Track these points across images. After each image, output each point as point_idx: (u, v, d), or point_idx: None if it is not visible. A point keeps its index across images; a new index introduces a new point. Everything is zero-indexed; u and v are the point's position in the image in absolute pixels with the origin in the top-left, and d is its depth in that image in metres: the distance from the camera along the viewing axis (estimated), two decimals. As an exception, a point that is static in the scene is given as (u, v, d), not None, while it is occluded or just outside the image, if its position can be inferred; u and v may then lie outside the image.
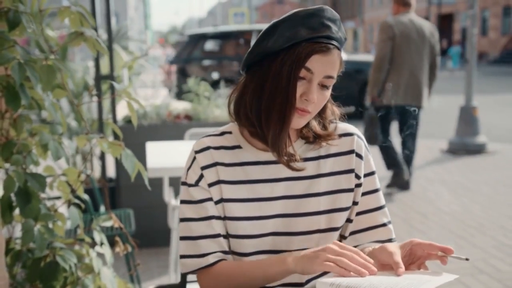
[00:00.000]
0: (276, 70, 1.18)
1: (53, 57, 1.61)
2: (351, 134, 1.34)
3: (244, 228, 1.27)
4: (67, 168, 1.83)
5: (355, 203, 1.33)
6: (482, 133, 7.08)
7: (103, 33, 4.85)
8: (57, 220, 1.81)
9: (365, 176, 1.34)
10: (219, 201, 1.28)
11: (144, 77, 6.06)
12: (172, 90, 5.47)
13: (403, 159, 5.22)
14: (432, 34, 5.00)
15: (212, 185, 1.28)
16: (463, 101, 7.10)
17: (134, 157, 1.72)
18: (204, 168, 1.28)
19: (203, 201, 1.27)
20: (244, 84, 1.26)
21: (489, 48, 32.38)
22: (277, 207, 1.28)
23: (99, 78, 3.81)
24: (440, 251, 1.11)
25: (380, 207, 1.35)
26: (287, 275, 1.17)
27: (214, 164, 1.28)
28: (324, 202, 1.30)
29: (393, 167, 5.22)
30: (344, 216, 1.33)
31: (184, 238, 1.29)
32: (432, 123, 9.62)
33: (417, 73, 4.92)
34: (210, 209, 1.27)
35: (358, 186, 1.33)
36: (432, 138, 7.95)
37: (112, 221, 1.95)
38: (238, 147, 1.30)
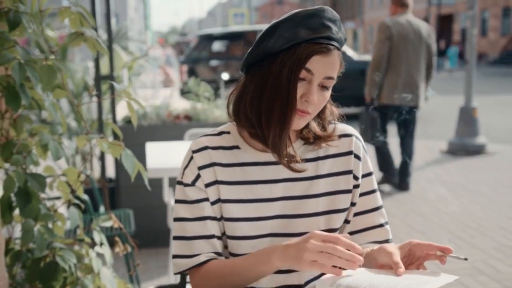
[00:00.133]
0: (276, 71, 1.17)
1: (53, 57, 1.61)
2: (350, 135, 1.34)
3: (242, 229, 1.26)
4: (67, 168, 1.83)
5: (353, 204, 1.33)
6: (482, 134, 7.08)
7: (103, 34, 4.85)
8: (57, 220, 1.81)
9: (363, 177, 1.34)
10: (217, 202, 1.27)
11: (144, 78, 6.07)
12: (181, 90, 5.46)
13: (402, 160, 5.24)
14: (429, 35, 5.03)
15: (209, 186, 1.26)
16: (463, 102, 7.11)
17: (134, 157, 1.72)
18: (201, 168, 1.27)
19: (199, 201, 1.26)
20: (244, 85, 1.25)
21: (489, 49, 32.39)
22: (276, 208, 1.27)
23: (99, 79, 3.81)
24: (439, 251, 1.11)
25: (377, 208, 1.35)
26: (275, 270, 1.15)
27: (212, 164, 1.27)
28: (323, 203, 1.30)
29: (385, 171, 5.27)
30: (342, 217, 1.32)
31: (178, 238, 1.28)
32: (432, 124, 9.63)
33: (414, 73, 4.94)
34: (206, 210, 1.26)
35: (356, 187, 1.33)
36: (432, 139, 7.94)
37: (112, 222, 1.96)
38: (237, 148, 1.29)
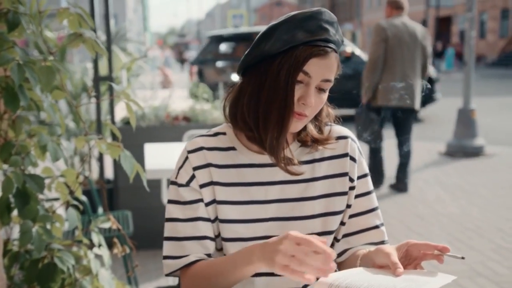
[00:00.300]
0: (274, 74, 1.17)
1: (52, 58, 1.61)
2: (346, 137, 1.34)
3: (238, 231, 1.25)
4: (66, 170, 1.83)
5: (348, 206, 1.33)
6: (480, 136, 7.09)
7: (102, 35, 4.84)
8: (55, 222, 1.80)
9: (358, 179, 1.33)
10: (212, 203, 1.26)
11: (143, 79, 6.07)
12: (191, 90, 5.45)
13: (400, 161, 5.26)
14: (424, 37, 5.08)
15: (204, 186, 1.26)
16: (461, 104, 7.12)
17: (133, 158, 1.72)
18: (196, 169, 1.26)
19: (193, 202, 1.25)
20: (241, 87, 1.24)
21: (487, 51, 32.43)
22: (272, 210, 1.27)
23: (98, 80, 3.81)
24: (437, 250, 1.11)
25: (373, 209, 1.34)
26: (258, 271, 1.10)
27: (207, 165, 1.26)
28: (319, 206, 1.29)
29: (374, 173, 5.29)
30: (338, 220, 1.31)
31: (169, 239, 1.26)
32: (430, 125, 9.63)
33: (410, 75, 4.98)
34: (199, 211, 1.25)
35: (352, 189, 1.32)
36: (430, 141, 7.95)
37: (110, 223, 1.95)
38: (233, 149, 1.28)
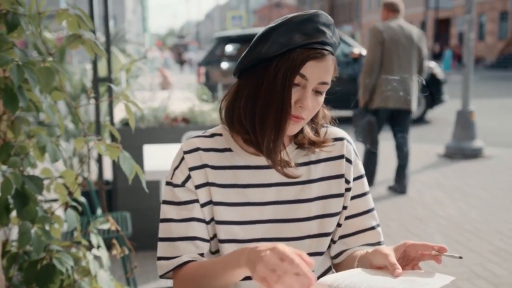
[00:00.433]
0: (271, 77, 1.17)
1: (51, 59, 1.61)
2: (341, 139, 1.34)
3: (234, 233, 1.25)
4: (64, 171, 1.83)
5: (345, 208, 1.33)
6: (479, 138, 7.09)
7: (101, 36, 4.84)
8: (54, 223, 1.80)
9: (354, 180, 1.33)
10: (207, 204, 1.25)
11: (142, 80, 6.07)
12: (199, 91, 5.44)
13: (398, 163, 5.28)
14: (420, 39, 5.12)
15: (200, 187, 1.25)
16: (460, 106, 7.12)
17: (132, 160, 1.72)
18: (192, 169, 1.25)
19: (188, 203, 1.24)
20: (237, 90, 1.24)
21: (486, 53, 32.47)
22: (268, 213, 1.26)
23: (97, 81, 3.81)
24: (434, 250, 1.11)
25: (369, 210, 1.34)
26: (247, 275, 1.08)
27: (203, 166, 1.26)
28: (315, 208, 1.29)
29: (366, 173, 5.27)
30: (335, 221, 1.31)
31: (163, 240, 1.25)
32: (429, 127, 9.64)
33: (407, 77, 5.01)
34: (194, 211, 1.24)
35: (348, 191, 1.32)
36: (429, 143, 7.96)
37: (109, 224, 1.95)
38: (229, 150, 1.28)
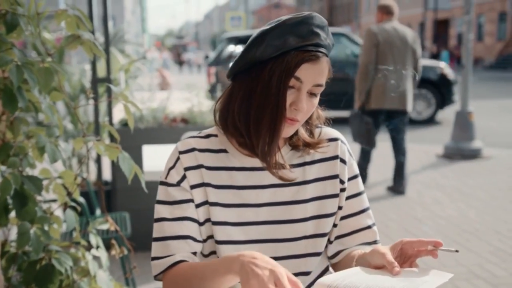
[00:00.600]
0: (265, 80, 1.17)
1: (50, 60, 1.61)
2: (336, 139, 1.34)
3: (231, 234, 1.25)
4: (63, 171, 1.83)
5: (340, 208, 1.33)
6: (478, 138, 7.10)
7: (100, 36, 4.84)
8: (53, 223, 1.80)
9: (349, 180, 1.34)
10: (203, 204, 1.25)
11: (141, 80, 6.06)
12: (209, 91, 5.45)
13: (395, 163, 5.32)
14: (414, 40, 5.17)
15: (196, 187, 1.25)
16: (459, 106, 7.12)
17: (131, 160, 1.72)
18: (188, 169, 1.25)
19: (182, 202, 1.23)
20: (231, 92, 1.24)
21: (485, 54, 32.49)
22: (263, 214, 1.26)
23: (96, 81, 3.81)
24: (430, 246, 1.12)
25: (364, 210, 1.35)
26: (238, 281, 1.07)
27: (199, 166, 1.25)
28: (311, 209, 1.29)
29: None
30: (331, 222, 1.32)
31: (156, 239, 1.24)
32: (428, 128, 9.64)
33: (402, 78, 5.05)
34: (188, 210, 1.23)
35: (343, 191, 1.33)
36: (428, 143, 7.96)
37: (108, 224, 1.95)
38: (224, 151, 1.28)
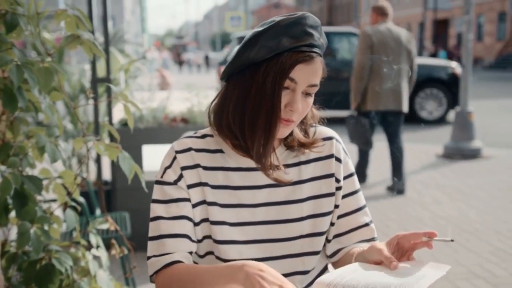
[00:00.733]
0: (260, 81, 1.16)
1: (50, 60, 1.61)
2: (330, 138, 1.34)
3: (228, 234, 1.24)
4: (63, 171, 1.83)
5: (336, 206, 1.33)
6: (478, 138, 7.10)
7: (100, 36, 4.84)
8: (53, 223, 1.80)
9: (344, 179, 1.34)
10: (201, 203, 1.24)
11: (141, 80, 6.06)
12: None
13: (393, 163, 5.33)
14: (408, 41, 5.20)
15: (193, 187, 1.24)
16: (459, 106, 7.12)
17: (131, 160, 1.72)
18: (185, 169, 1.24)
19: (179, 201, 1.23)
20: (225, 94, 1.23)
21: (485, 54, 32.49)
22: (260, 214, 1.26)
23: (96, 81, 3.81)
24: (425, 237, 1.12)
25: (361, 208, 1.35)
26: None
27: (196, 166, 1.25)
28: (307, 208, 1.29)
29: (357, 174, 5.37)
30: (328, 221, 1.32)
31: (152, 238, 1.23)
32: (427, 128, 9.65)
33: (397, 79, 5.08)
34: (184, 209, 1.23)
35: (338, 189, 1.33)
36: (427, 143, 7.96)
37: (108, 224, 1.95)
38: (220, 151, 1.27)
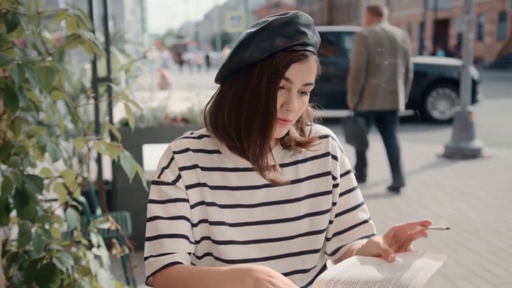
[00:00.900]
0: (255, 82, 1.16)
1: (50, 59, 1.61)
2: (326, 136, 1.34)
3: (229, 234, 1.24)
4: (64, 170, 1.83)
5: (334, 204, 1.33)
6: (478, 138, 7.10)
7: (100, 36, 4.84)
8: (54, 222, 1.81)
9: (341, 176, 1.34)
10: (200, 204, 1.24)
11: (141, 80, 6.07)
12: None
13: (390, 163, 5.37)
14: (404, 40, 5.22)
15: (191, 187, 1.24)
16: (459, 106, 7.13)
17: (132, 159, 1.72)
18: (183, 169, 1.24)
19: (177, 201, 1.22)
20: (220, 96, 1.23)
21: (485, 53, 32.48)
22: (258, 214, 1.27)
23: (96, 81, 3.81)
24: (419, 226, 1.12)
25: (359, 205, 1.35)
26: None
27: (194, 166, 1.25)
28: (305, 206, 1.29)
29: (358, 171, 5.54)
30: (326, 219, 1.32)
31: (150, 239, 1.21)
32: (427, 128, 9.65)
33: (393, 79, 5.10)
34: (183, 210, 1.22)
35: (335, 187, 1.33)
36: (428, 143, 7.96)
37: (109, 223, 1.96)
38: (218, 152, 1.27)
